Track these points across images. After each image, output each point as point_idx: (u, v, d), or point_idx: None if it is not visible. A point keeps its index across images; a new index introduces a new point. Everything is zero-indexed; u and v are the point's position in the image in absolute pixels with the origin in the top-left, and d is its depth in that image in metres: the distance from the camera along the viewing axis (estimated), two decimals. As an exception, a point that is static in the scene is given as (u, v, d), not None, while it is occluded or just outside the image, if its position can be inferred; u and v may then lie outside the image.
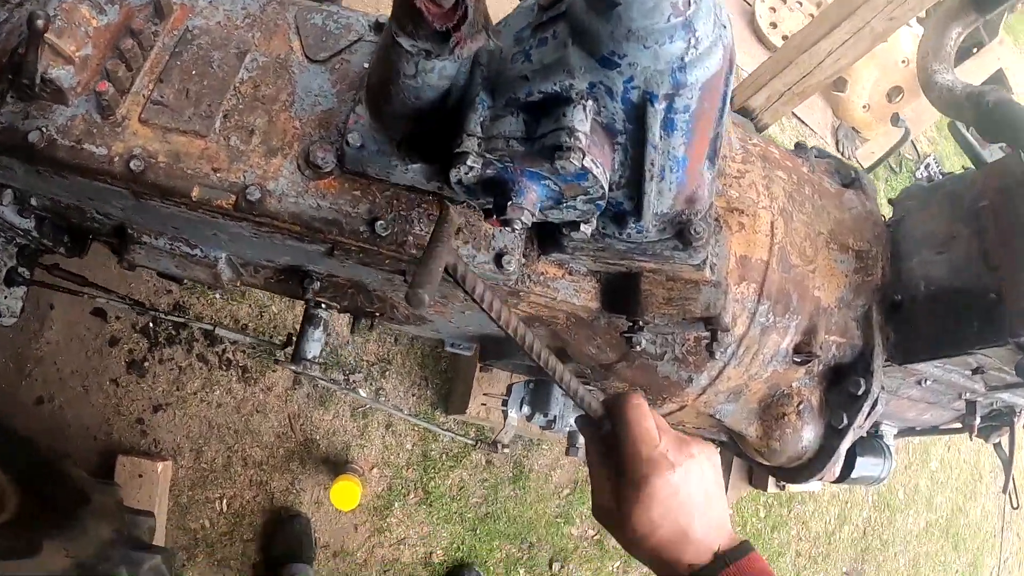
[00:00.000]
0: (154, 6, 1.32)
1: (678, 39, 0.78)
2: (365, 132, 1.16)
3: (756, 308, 1.37)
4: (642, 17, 0.76)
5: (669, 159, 0.96)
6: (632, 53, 0.79)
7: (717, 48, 0.83)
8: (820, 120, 4.92)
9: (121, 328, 2.75)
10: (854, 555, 4.24)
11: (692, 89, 0.84)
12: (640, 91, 0.83)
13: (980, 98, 1.79)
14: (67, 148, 1.22)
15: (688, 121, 0.89)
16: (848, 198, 1.70)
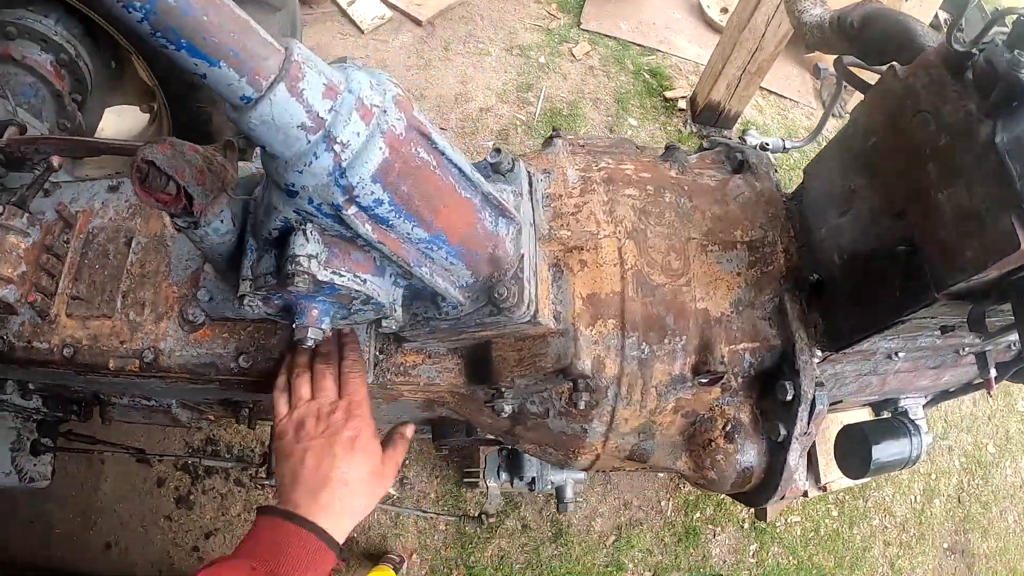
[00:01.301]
0: (64, 222, 1.55)
1: (322, 153, 0.83)
2: (212, 285, 1.30)
3: (623, 343, 1.34)
4: (283, 148, 0.82)
5: (417, 242, 1.00)
6: (296, 179, 0.85)
7: (375, 139, 0.86)
8: (799, 87, 4.69)
9: (164, 469, 2.97)
10: (952, 527, 3.83)
11: (366, 187, 0.88)
12: (328, 205, 0.89)
13: (843, 22, 1.58)
14: (22, 348, 1.46)
15: (398, 210, 0.93)
16: (733, 186, 1.58)
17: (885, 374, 2.00)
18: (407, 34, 4.14)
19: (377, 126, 0.86)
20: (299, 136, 0.81)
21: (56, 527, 2.85)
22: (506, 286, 1.12)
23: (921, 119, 1.20)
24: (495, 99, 3.98)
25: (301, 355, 1.24)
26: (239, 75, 0.74)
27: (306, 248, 0.91)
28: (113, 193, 1.60)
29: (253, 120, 0.78)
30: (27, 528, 2.83)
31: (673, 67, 4.45)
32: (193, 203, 0.98)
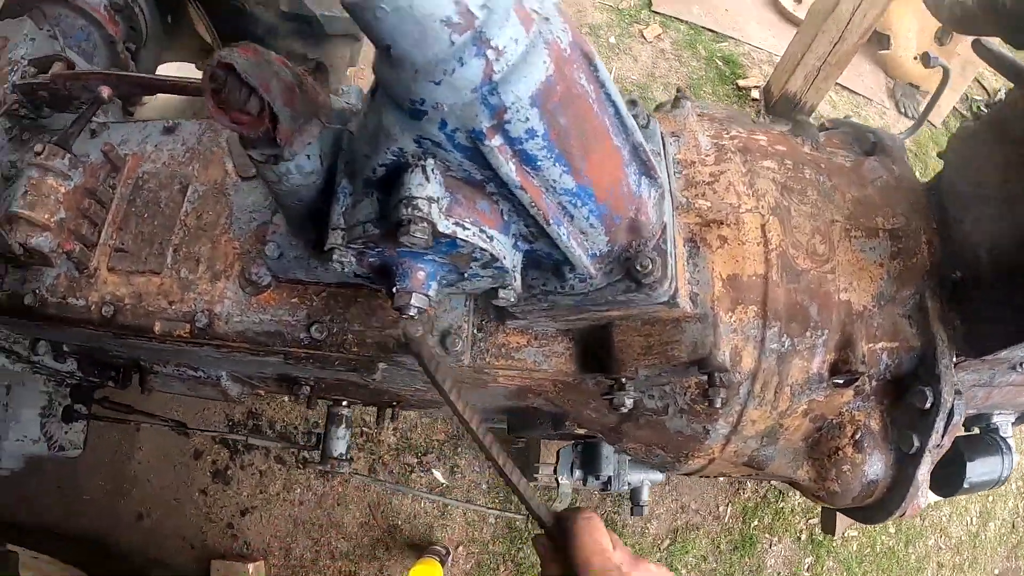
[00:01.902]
0: (108, 162, 1.35)
1: (470, 59, 0.61)
2: (283, 240, 1.06)
3: (763, 334, 1.11)
4: (418, 49, 0.60)
5: (561, 193, 0.77)
6: (428, 93, 0.63)
7: (537, 50, 0.65)
8: (871, 84, 4.41)
9: (203, 441, 2.80)
10: (1005, 553, 3.58)
11: (521, 109, 0.66)
12: (463, 132, 0.67)
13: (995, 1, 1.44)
14: (55, 304, 1.27)
15: (549, 146, 0.71)
16: (870, 167, 1.37)
17: (998, 386, 1.79)
18: None
19: (539, 34, 0.64)
20: (442, 33, 0.58)
21: (85, 494, 2.70)
22: (648, 257, 0.89)
23: None
24: None
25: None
26: None
27: (426, 189, 0.69)
28: (168, 135, 1.41)
29: (383, 4, 0.55)
30: (55, 492, 2.67)
31: (746, 55, 4.19)
32: (278, 127, 0.75)
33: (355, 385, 1.43)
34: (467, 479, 2.75)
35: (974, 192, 1.29)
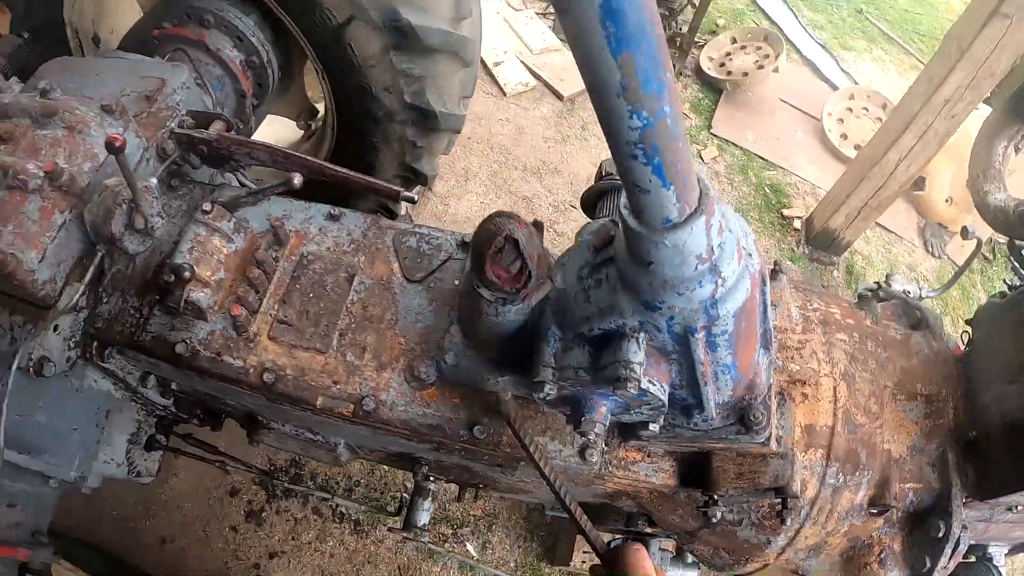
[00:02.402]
0: (273, 234, 1.57)
1: (706, 283, 0.93)
2: (459, 350, 1.37)
3: (825, 471, 1.45)
4: (673, 271, 0.92)
5: (719, 367, 1.11)
6: (669, 299, 0.95)
7: (744, 280, 0.98)
8: (904, 223, 4.91)
9: (241, 480, 2.99)
10: None
11: (726, 319, 0.99)
12: (681, 326, 0.99)
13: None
14: (208, 359, 1.45)
15: (728, 340, 1.04)
16: (915, 342, 1.75)
17: (995, 522, 2.13)
18: (547, 106, 4.40)
19: (746, 267, 0.97)
20: (692, 264, 0.90)
21: (114, 509, 2.84)
22: (759, 410, 1.23)
23: None
24: None
25: None
26: (677, 200, 0.83)
27: (638, 356, 1.01)
28: (333, 222, 1.63)
29: (665, 241, 0.87)
30: (82, 501, 2.74)
31: (792, 185, 4.68)
32: (528, 285, 1.08)
33: (469, 470, 1.71)
34: (497, 555, 2.99)
35: (994, 370, 1.65)
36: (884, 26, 6.73)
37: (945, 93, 3.37)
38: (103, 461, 1.87)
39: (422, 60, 2.40)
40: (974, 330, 1.80)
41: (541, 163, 4.25)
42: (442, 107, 2.54)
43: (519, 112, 4.32)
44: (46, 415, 1.67)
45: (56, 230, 1.45)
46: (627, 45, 0.62)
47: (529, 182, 4.19)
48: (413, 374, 1.42)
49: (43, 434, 1.68)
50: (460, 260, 1.58)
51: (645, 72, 0.65)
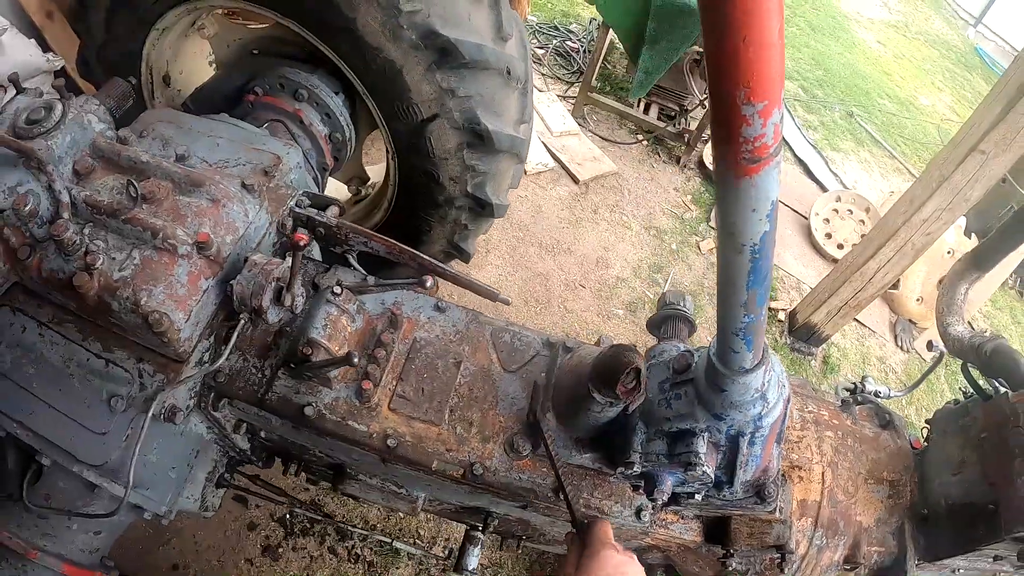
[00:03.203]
0: (389, 319, 1.99)
1: (758, 405, 1.52)
2: (553, 431, 1.94)
3: (812, 535, 2.09)
4: (739, 397, 1.50)
5: (752, 458, 1.75)
6: (732, 414, 1.54)
7: (780, 403, 1.57)
8: (877, 318, 5.70)
9: (260, 515, 3.30)
10: None
11: (765, 428, 1.59)
12: (736, 431, 1.59)
13: (981, 348, 2.51)
14: (335, 422, 1.80)
15: (763, 440, 1.65)
16: (884, 439, 2.40)
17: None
18: (563, 188, 5.01)
19: (782, 395, 1.58)
20: (752, 394, 1.49)
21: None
22: (771, 488, 1.85)
23: (1015, 432, 2.10)
24: (630, 272, 4.82)
25: None
26: (753, 357, 1.42)
27: (703, 448, 1.64)
28: (440, 313, 2.04)
29: (739, 381, 1.46)
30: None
31: (779, 279, 5.41)
32: (638, 395, 1.66)
33: (527, 523, 2.24)
34: None
35: (942, 463, 2.29)
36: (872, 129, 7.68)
37: (924, 214, 4.15)
38: (185, 496, 2.08)
39: (489, 159, 2.79)
40: (931, 429, 2.46)
41: (555, 242, 4.78)
42: (496, 199, 2.94)
43: (538, 191, 4.89)
44: (157, 454, 1.88)
45: (201, 294, 1.68)
46: (755, 284, 1.23)
47: (544, 259, 4.71)
48: (512, 447, 1.91)
49: (150, 471, 1.88)
50: (545, 357, 2.07)
51: (758, 299, 1.26)
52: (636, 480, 1.82)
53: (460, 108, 2.58)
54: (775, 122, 0.92)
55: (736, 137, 0.93)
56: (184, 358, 1.73)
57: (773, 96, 0.89)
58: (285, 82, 2.71)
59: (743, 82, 0.86)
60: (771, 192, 1.04)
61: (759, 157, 0.96)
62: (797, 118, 7.21)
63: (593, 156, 5.14)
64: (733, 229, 1.11)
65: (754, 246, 1.13)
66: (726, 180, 1.02)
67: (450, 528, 3.60)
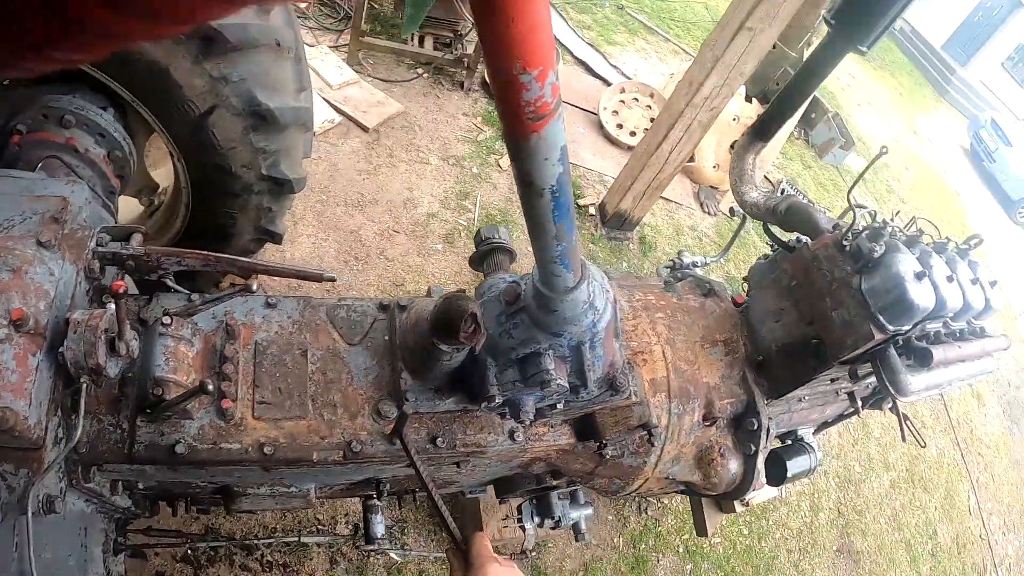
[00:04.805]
0: (227, 331, 1.95)
1: (589, 315, 1.65)
2: (414, 388, 2.01)
3: (669, 406, 2.30)
4: (570, 313, 1.62)
5: (596, 357, 1.87)
6: (568, 329, 1.67)
7: (608, 307, 1.71)
8: (681, 192, 6.11)
9: (163, 562, 3.25)
10: (837, 533, 5.16)
11: (600, 332, 1.73)
12: (576, 341, 1.72)
13: (776, 208, 2.78)
14: (207, 450, 1.76)
15: (602, 341, 1.79)
16: (709, 305, 2.64)
17: (794, 412, 3.13)
18: (355, 140, 4.93)
19: (608, 299, 1.71)
20: (581, 306, 1.61)
21: None
22: (621, 378, 2.01)
23: (821, 273, 2.37)
24: (439, 205, 4.87)
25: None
26: (572, 276, 1.53)
27: (551, 365, 1.75)
28: (272, 309, 2.03)
29: (567, 297, 1.56)
30: None
31: (582, 177, 5.64)
32: (479, 337, 1.73)
33: (412, 479, 2.35)
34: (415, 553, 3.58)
35: (765, 315, 2.56)
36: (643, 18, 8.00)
37: (704, 92, 4.43)
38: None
39: (277, 136, 2.73)
40: (749, 285, 2.73)
41: (359, 195, 4.74)
42: (293, 173, 2.90)
43: (330, 149, 4.80)
44: (51, 550, 1.74)
45: (34, 373, 1.54)
46: (559, 218, 1.32)
47: (353, 216, 4.67)
48: (380, 414, 1.98)
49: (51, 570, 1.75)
50: (383, 320, 2.13)
51: (566, 228, 1.36)
52: (500, 409, 1.91)
53: (236, 93, 2.50)
54: (552, 82, 0.98)
55: (518, 102, 1.00)
56: (40, 444, 1.59)
57: (547, 61, 0.95)
58: (48, 111, 2.50)
59: (517, 57, 0.92)
60: (559, 139, 1.12)
61: (542, 114, 1.03)
62: (570, 21, 7.39)
63: (377, 101, 5.08)
64: (531, 179, 1.20)
65: (553, 187, 1.22)
66: (516, 139, 1.09)
67: (345, 505, 3.64)
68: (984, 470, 7.06)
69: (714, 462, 2.48)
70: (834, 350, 2.34)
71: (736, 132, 5.91)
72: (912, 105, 16.02)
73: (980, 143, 16.84)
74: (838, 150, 8.65)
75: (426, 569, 3.64)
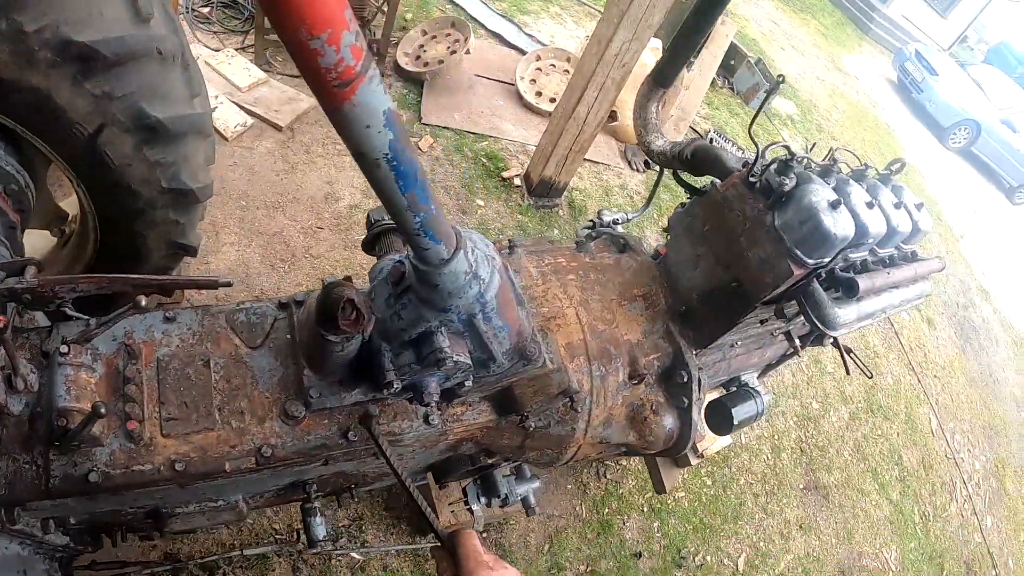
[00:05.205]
0: (128, 352, 1.88)
1: (474, 286, 1.57)
2: (317, 384, 1.92)
3: (590, 369, 2.22)
4: (452, 286, 1.54)
5: (496, 329, 1.79)
6: (454, 302, 1.59)
7: (495, 275, 1.62)
8: (607, 152, 6.04)
9: None
10: (803, 471, 5.19)
11: (491, 302, 1.64)
12: (466, 315, 1.64)
13: (683, 153, 2.70)
14: (121, 474, 1.70)
15: (496, 311, 1.70)
16: (624, 261, 2.57)
17: (730, 359, 3.07)
18: (270, 140, 4.77)
19: (493, 266, 1.63)
20: (462, 277, 1.53)
21: None
22: (531, 347, 1.93)
23: (733, 214, 2.28)
24: (360, 195, 4.73)
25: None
26: (444, 248, 1.44)
27: (444, 343, 1.66)
28: (171, 323, 1.97)
29: (444, 271, 1.48)
30: None
31: (504, 149, 5.55)
32: (364, 324, 1.65)
33: (341, 474, 2.27)
34: (379, 550, 3.53)
35: (683, 263, 2.48)
36: (557, -16, 7.90)
37: (614, 49, 4.33)
38: (42, 624, 1.87)
39: (173, 147, 2.61)
40: (668, 234, 2.64)
41: (279, 196, 4.61)
42: (195, 183, 2.78)
43: (245, 153, 4.64)
44: None
45: None
46: (407, 188, 1.23)
47: (275, 217, 4.55)
48: (288, 415, 1.90)
49: None
50: (283, 319, 2.05)
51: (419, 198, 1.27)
52: (404, 394, 1.82)
53: (123, 109, 2.37)
54: (350, 43, 0.91)
55: (318, 69, 0.93)
56: (-47, 500, 1.55)
57: (336, 23, 0.88)
58: (-69, 152, 2.38)
59: (300, 22, 0.86)
60: (378, 104, 1.04)
61: (348, 79, 0.96)
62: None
63: (289, 98, 4.94)
64: (361, 149, 1.12)
65: (387, 155, 1.14)
66: (330, 111, 1.02)
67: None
68: (942, 391, 7.16)
69: (647, 420, 2.41)
70: (754, 291, 2.26)
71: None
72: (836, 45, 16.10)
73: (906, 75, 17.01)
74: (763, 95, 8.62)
75: (390, 564, 3.57)
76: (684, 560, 4.21)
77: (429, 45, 5.79)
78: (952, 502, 6.18)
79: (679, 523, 4.33)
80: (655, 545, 4.17)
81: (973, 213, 13.04)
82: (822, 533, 5.00)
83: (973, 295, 9.55)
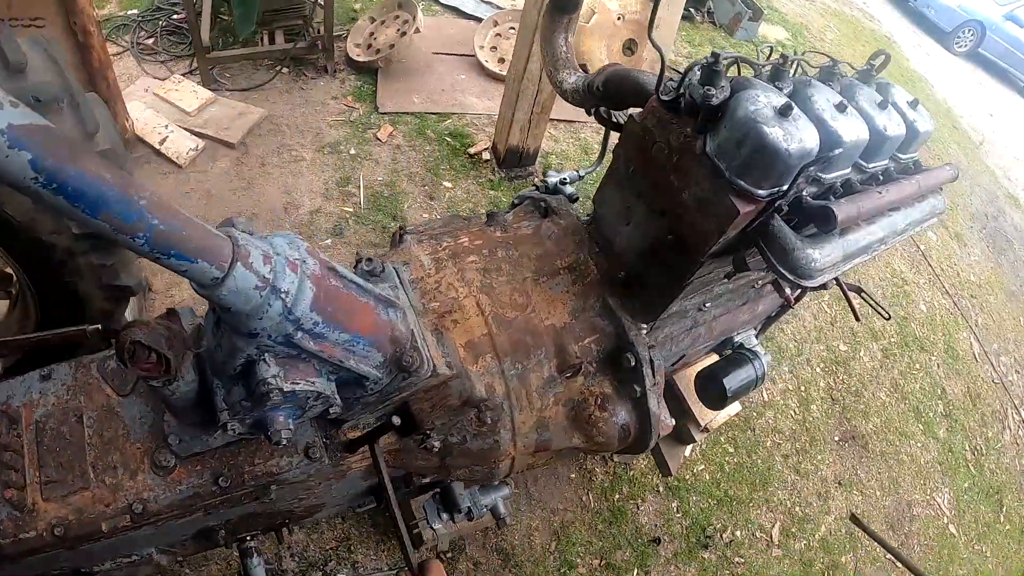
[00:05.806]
0: (9, 418, 1.79)
1: (274, 300, 1.29)
2: (178, 430, 1.69)
3: (501, 368, 1.90)
4: (245, 306, 1.26)
5: (343, 344, 1.49)
6: (258, 325, 1.31)
7: (306, 284, 1.34)
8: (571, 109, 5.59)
9: None
10: (836, 421, 4.74)
11: (307, 314, 1.35)
12: (282, 336, 1.35)
13: (594, 85, 2.24)
14: (10, 544, 1.63)
15: (325, 325, 1.40)
16: (545, 229, 2.20)
17: (707, 323, 2.69)
18: (223, 159, 4.56)
19: (303, 272, 1.34)
20: (255, 294, 1.25)
21: None
22: (409, 355, 1.64)
23: (658, 147, 1.86)
24: (321, 199, 4.49)
25: None
26: (210, 264, 1.18)
27: (270, 371, 1.38)
28: (47, 381, 1.86)
29: (223, 292, 1.22)
30: None
31: (470, 124, 5.22)
32: (170, 365, 1.41)
33: (255, 515, 2.02)
34: (370, 568, 3.31)
35: (614, 218, 2.08)
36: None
37: (554, -5, 3.91)
38: None
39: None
40: (595, 199, 2.25)
41: (238, 214, 4.31)
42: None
43: (200, 177, 4.45)
44: None
45: None
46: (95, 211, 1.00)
47: None
48: (159, 466, 1.72)
49: None
50: None
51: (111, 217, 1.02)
52: (253, 432, 1.56)
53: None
54: None
55: None
56: None
57: None
58: None
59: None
60: None
61: None
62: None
63: (238, 113, 4.73)
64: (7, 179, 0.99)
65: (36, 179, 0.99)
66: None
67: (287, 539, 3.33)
68: (981, 311, 6.56)
69: (592, 418, 2.05)
70: (696, 242, 1.82)
71: (624, 32, 5.37)
72: (823, -40, 15.14)
73: (901, -18, 16.00)
74: (748, 23, 8.04)
75: (383, 584, 3.34)
76: (711, 539, 3.87)
77: (379, 31, 5.47)
78: (1005, 430, 5.63)
79: (701, 499, 3.98)
80: (676, 527, 3.83)
81: (990, 117, 12.11)
82: (865, 487, 4.57)
83: (1001, 203, 8.77)
